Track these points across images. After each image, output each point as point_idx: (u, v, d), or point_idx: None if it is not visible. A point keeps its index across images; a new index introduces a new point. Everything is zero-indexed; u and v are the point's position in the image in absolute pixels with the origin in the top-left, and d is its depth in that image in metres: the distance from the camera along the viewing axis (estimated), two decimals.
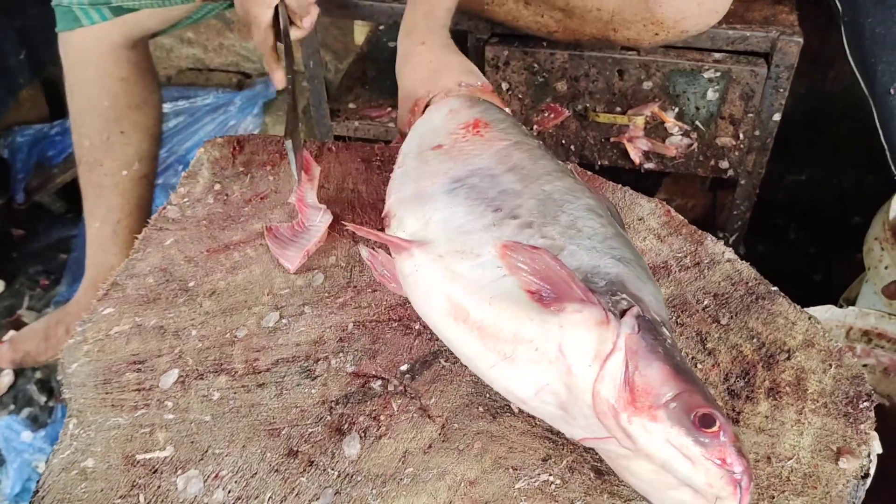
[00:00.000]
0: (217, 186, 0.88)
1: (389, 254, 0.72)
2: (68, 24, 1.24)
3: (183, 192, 0.88)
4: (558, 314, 0.55)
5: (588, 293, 0.55)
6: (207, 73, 2.08)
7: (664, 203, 0.86)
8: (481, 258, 0.61)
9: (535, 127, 1.27)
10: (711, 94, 1.18)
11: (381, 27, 1.57)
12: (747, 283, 0.76)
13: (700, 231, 0.83)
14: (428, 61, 0.91)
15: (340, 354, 0.70)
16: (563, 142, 1.28)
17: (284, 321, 0.74)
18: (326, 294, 0.76)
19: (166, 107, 1.94)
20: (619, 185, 0.88)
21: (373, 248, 0.74)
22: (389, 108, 1.36)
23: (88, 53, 1.26)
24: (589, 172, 0.91)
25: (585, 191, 0.70)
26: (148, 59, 1.34)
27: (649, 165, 1.27)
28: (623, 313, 0.55)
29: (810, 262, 1.67)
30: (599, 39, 1.06)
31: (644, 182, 1.57)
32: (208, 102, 1.95)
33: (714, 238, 0.82)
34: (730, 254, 0.80)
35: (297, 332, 0.72)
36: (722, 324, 0.72)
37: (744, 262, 0.79)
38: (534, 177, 0.70)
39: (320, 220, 0.82)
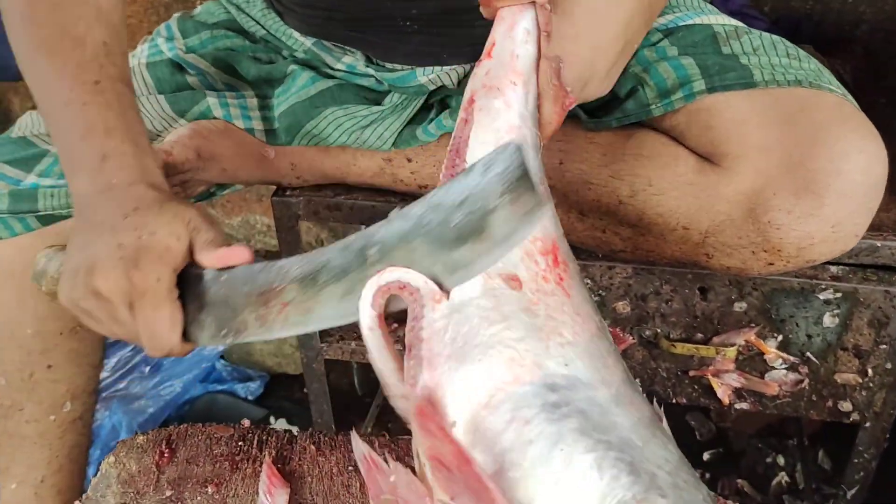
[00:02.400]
0: None
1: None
2: None
3: None
4: None
5: None
6: None
7: None
8: None
9: None
10: (829, 320, 0.88)
11: None
12: None
13: None
14: None
15: None
16: None
17: None
18: None
19: None
20: None
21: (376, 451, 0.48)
22: (395, 324, 1.07)
23: (7, 270, 0.97)
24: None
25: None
26: None
27: (742, 405, 0.96)
28: None
29: None
30: (684, 264, 0.77)
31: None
32: None
33: None
34: None
35: None
36: None
37: None
38: (645, 424, 0.46)
39: None
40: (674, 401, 0.98)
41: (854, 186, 0.64)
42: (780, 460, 1.46)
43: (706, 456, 1.43)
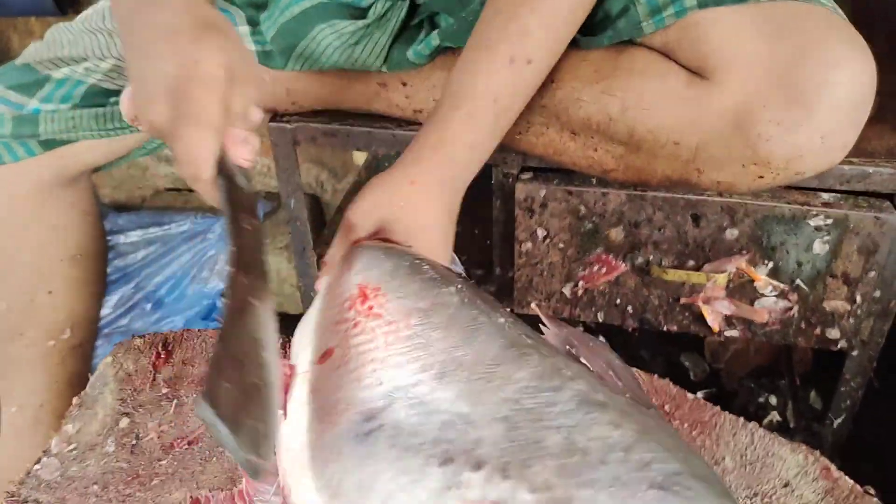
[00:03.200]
0: (124, 422, 0.59)
1: None
2: None
3: (70, 433, 0.58)
4: None
5: None
6: (187, 195, 1.82)
7: (816, 454, 0.55)
8: None
9: (580, 283, 0.98)
10: (819, 247, 0.89)
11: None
12: None
13: None
14: (392, 202, 0.68)
15: None
16: (618, 302, 0.99)
17: None
18: None
19: (136, 235, 1.68)
20: (742, 422, 0.57)
21: None
22: None
23: (9, 195, 0.98)
24: (660, 379, 0.61)
25: (561, 362, 0.46)
26: (89, 199, 1.06)
27: (732, 333, 0.97)
28: None
29: None
30: (675, 182, 0.77)
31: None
32: (184, 229, 1.68)
33: None
34: None
35: None
36: None
37: None
38: (481, 373, 0.45)
39: (275, 493, 0.52)
40: (665, 328, 0.99)
41: (843, 97, 0.65)
42: (772, 400, 1.48)
43: (699, 395, 1.45)
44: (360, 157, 1.47)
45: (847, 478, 0.53)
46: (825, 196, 0.88)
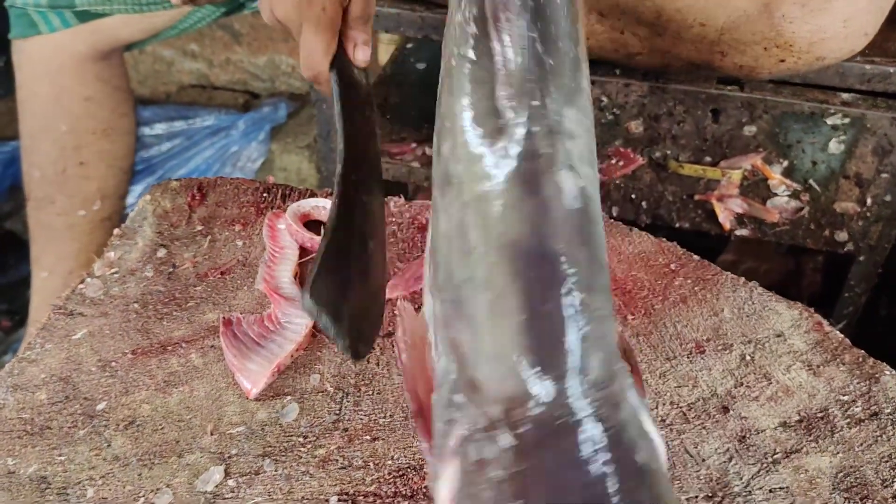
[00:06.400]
0: (161, 252, 0.62)
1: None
2: (23, 30, 1.00)
3: (112, 259, 0.62)
4: None
5: None
6: (211, 92, 1.83)
7: (811, 311, 0.58)
8: None
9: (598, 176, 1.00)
10: (835, 146, 0.90)
11: (410, 44, 1.31)
12: None
13: (871, 359, 0.55)
14: None
15: None
16: (633, 196, 1.01)
17: (231, 483, 0.47)
18: (301, 439, 0.49)
19: (161, 127, 1.71)
20: (743, 281, 0.60)
21: None
22: (414, 144, 1.10)
23: (45, 66, 1.01)
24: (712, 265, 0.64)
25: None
26: (121, 75, 1.09)
27: (742, 232, 0.99)
28: None
29: None
30: (698, 66, 0.79)
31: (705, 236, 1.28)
32: (208, 124, 1.70)
33: (893, 370, 0.54)
34: None
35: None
36: None
37: None
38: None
39: (300, 315, 0.55)
40: (677, 225, 1.02)
41: None
42: None
43: None
44: (384, 57, 1.48)
45: (837, 332, 0.56)
46: (844, 95, 0.89)
